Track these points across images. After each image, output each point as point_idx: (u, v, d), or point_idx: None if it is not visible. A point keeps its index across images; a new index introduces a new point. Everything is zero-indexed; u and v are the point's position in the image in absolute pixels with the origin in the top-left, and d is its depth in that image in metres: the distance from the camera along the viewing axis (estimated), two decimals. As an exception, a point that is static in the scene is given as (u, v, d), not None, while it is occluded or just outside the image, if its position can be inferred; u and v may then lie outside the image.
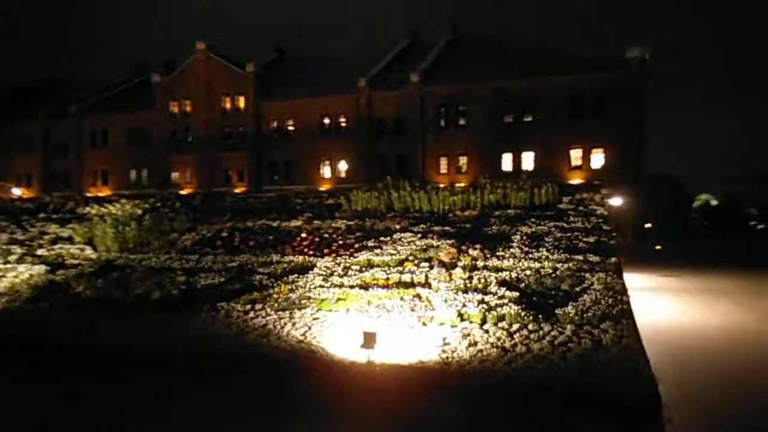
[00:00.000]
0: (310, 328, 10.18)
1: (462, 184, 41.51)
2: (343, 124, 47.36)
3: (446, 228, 14.71)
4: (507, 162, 42.43)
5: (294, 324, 10.45)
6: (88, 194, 47.34)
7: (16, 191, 33.41)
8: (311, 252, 14.08)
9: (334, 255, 13.75)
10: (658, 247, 37.50)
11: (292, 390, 8.45)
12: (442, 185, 42.72)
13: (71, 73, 65.17)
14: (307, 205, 19.36)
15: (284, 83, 49.57)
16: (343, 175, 47.07)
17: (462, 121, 44.07)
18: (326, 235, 15.29)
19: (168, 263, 14.48)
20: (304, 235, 15.38)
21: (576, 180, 37.58)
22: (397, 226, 15.27)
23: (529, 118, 41.97)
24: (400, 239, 14.21)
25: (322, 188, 45.17)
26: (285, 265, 13.37)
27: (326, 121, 47.72)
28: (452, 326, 9.64)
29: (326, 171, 47.71)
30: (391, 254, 13.18)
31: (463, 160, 43.96)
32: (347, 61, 51.15)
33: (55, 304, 12.73)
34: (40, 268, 15.11)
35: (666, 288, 17.91)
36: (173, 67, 56.21)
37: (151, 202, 20.90)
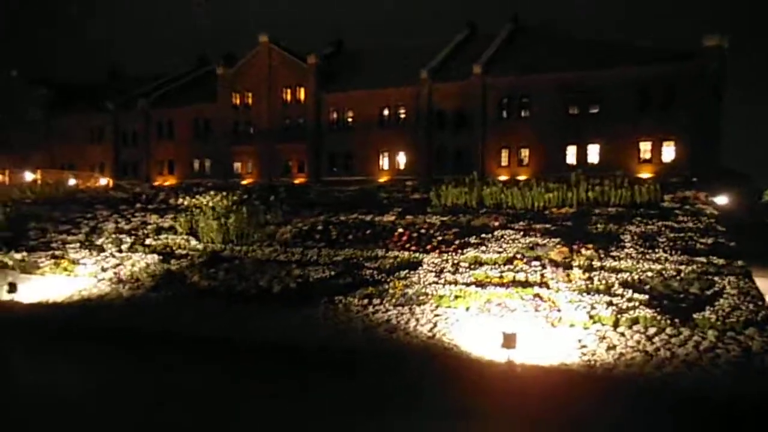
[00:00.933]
0: (435, 325, 10.34)
1: (523, 177, 41.20)
2: (403, 116, 47.32)
3: (546, 225, 14.63)
4: (571, 155, 41.59)
5: (417, 320, 10.64)
6: (156, 182, 49.08)
7: (103, 181, 34.87)
8: (413, 247, 14.24)
9: (438, 251, 13.88)
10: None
11: (440, 388, 8.59)
12: (502, 178, 42.44)
13: (131, 68, 67.22)
14: (393, 200, 19.55)
15: (343, 75, 49.89)
16: (401, 167, 47.12)
17: (524, 113, 43.38)
18: (423, 231, 15.42)
19: (274, 256, 14.91)
20: (400, 230, 15.56)
21: (645, 174, 36.65)
22: (496, 223, 15.27)
23: (595, 110, 40.95)
24: (502, 236, 14.22)
25: (381, 180, 45.49)
26: (391, 261, 13.58)
27: (386, 112, 47.76)
28: (584, 328, 9.63)
29: (385, 163, 47.82)
30: (498, 252, 13.21)
31: (524, 153, 43.30)
32: (405, 54, 51.04)
33: (177, 293, 13.30)
34: (153, 257, 15.80)
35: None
36: (234, 59, 57.34)
37: (239, 194, 21.51)
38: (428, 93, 45.45)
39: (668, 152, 38.76)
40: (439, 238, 14.86)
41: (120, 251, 16.90)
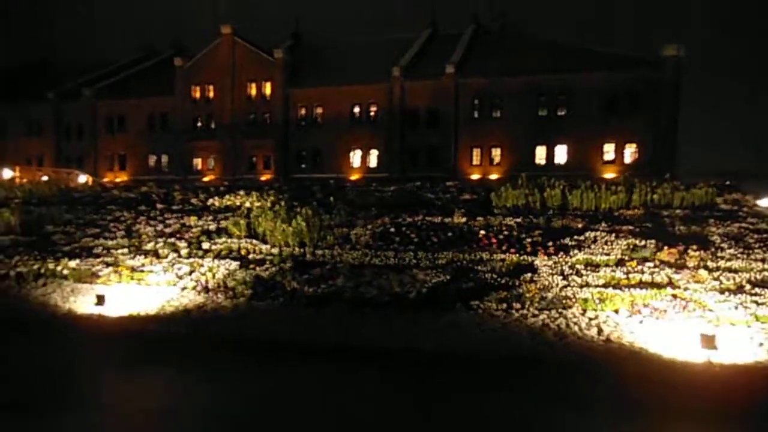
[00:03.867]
0: (600, 329, 10.51)
1: (495, 176, 42.35)
2: (374, 113, 47.09)
3: (628, 227, 15.25)
4: (540, 155, 43.37)
5: (577, 324, 10.76)
6: (105, 179, 45.45)
7: (82, 178, 31.75)
8: (511, 250, 14.29)
9: (543, 254, 14.06)
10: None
11: (654, 390, 8.72)
12: (474, 177, 43.36)
13: (69, 54, 61.68)
14: (443, 200, 19.45)
15: (310, 71, 48.80)
16: (373, 164, 46.95)
17: (496, 114, 44.60)
18: (506, 233, 15.54)
19: (367, 260, 14.37)
20: (483, 232, 15.58)
21: (609, 174, 38.98)
22: (579, 225, 15.69)
23: (563, 113, 42.92)
24: (595, 239, 14.65)
25: (352, 177, 45.06)
26: (499, 264, 13.56)
27: (356, 109, 47.33)
28: (747, 326, 10.24)
29: (356, 160, 47.43)
30: (605, 254, 13.63)
31: (496, 153, 44.57)
32: (371, 51, 50.80)
33: (285, 301, 12.46)
34: (230, 263, 14.68)
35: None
36: (185, 50, 54.33)
37: (273, 194, 20.46)
38: (401, 91, 45.57)
39: (630, 154, 41.48)
40: (529, 240, 15.01)
41: (180, 257, 15.59)
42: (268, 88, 48.35)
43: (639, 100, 40.23)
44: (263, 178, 44.43)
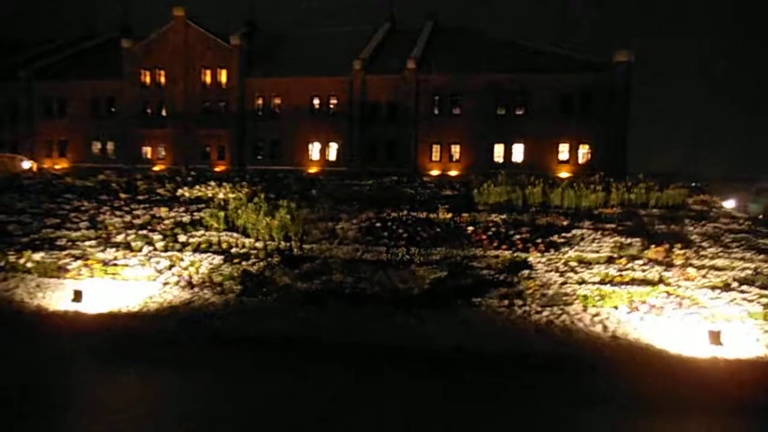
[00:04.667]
0: (605, 325, 10.63)
1: (454, 173, 42.79)
2: (334, 106, 46.41)
3: (611, 225, 15.61)
4: (498, 153, 44.06)
5: (581, 320, 10.85)
6: (44, 165, 42.49)
7: (26, 164, 29.34)
8: (503, 246, 14.31)
9: (535, 250, 14.13)
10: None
11: (664, 384, 8.85)
12: (433, 173, 43.61)
13: (4, 30, 57.41)
14: (424, 196, 19.28)
15: (269, 60, 47.51)
16: (332, 158, 46.31)
17: (455, 111, 44.93)
18: (494, 229, 15.55)
19: (358, 255, 13.96)
20: (470, 228, 15.52)
21: (563, 173, 40.19)
22: (564, 223, 15.92)
23: (520, 112, 43.77)
24: (582, 236, 14.90)
25: (311, 170, 44.30)
26: (494, 260, 13.53)
27: (316, 101, 46.47)
28: (742, 322, 10.64)
29: (315, 153, 46.62)
30: (595, 251, 13.85)
31: (455, 149, 44.94)
32: (330, 42, 50.06)
33: (279, 297, 11.88)
34: (213, 258, 13.89)
35: None
36: (131, 31, 51.74)
37: (248, 187, 19.61)
38: (361, 84, 45.08)
39: (583, 154, 42.85)
40: (518, 237, 15.10)
41: (156, 250, 14.65)
42: (223, 76, 46.62)
43: (591, 102, 41.56)
44: (217, 169, 42.84)
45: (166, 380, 8.94)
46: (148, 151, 46.74)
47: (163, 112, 46.53)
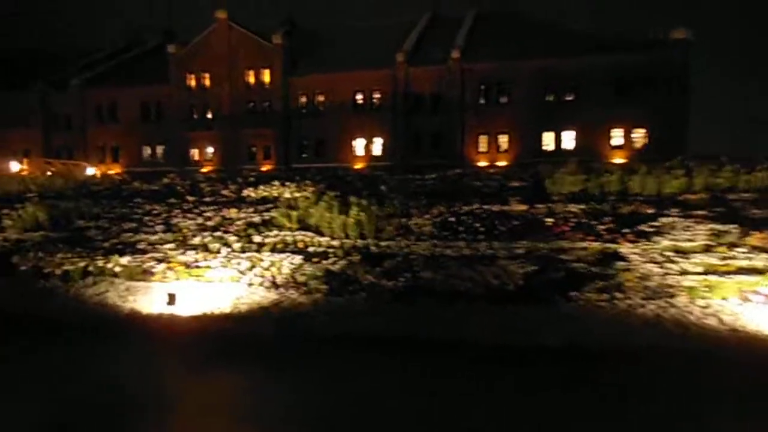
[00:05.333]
0: (720, 318, 10.04)
1: (503, 163, 41.97)
2: (377, 100, 46.03)
3: (701, 212, 14.84)
4: (548, 141, 42.92)
5: (692, 313, 10.29)
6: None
7: (90, 170, 30.12)
8: (590, 238, 13.77)
9: (625, 240, 13.55)
10: None
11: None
12: (481, 164, 42.86)
13: (55, 42, 59.07)
14: (491, 188, 18.80)
15: (310, 57, 47.47)
16: (377, 152, 46.03)
17: (503, 99, 43.92)
18: (575, 220, 15.00)
19: (438, 251, 13.64)
20: (550, 220, 15.00)
21: (617, 159, 38.86)
22: (650, 211, 15.23)
23: (571, 98, 42.44)
24: (672, 224, 14.21)
25: (356, 166, 44.12)
26: (583, 252, 13.02)
27: (359, 96, 46.17)
28: None
29: (359, 148, 46.44)
30: (689, 240, 13.18)
31: (503, 139, 44.01)
32: (370, 36, 49.67)
33: (368, 296, 11.69)
34: (293, 258, 13.80)
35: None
36: (173, 36, 52.52)
37: (315, 185, 19.50)
38: (404, 77, 44.55)
39: (638, 139, 41.34)
40: (603, 227, 14.49)
41: (233, 251, 14.64)
42: (267, 76, 46.84)
43: (649, 83, 39.97)
44: (264, 169, 43.14)
45: (267, 379, 8.84)
46: (195, 153, 47.45)
47: (209, 115, 47.13)
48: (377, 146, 45.93)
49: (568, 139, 42.54)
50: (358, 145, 46.23)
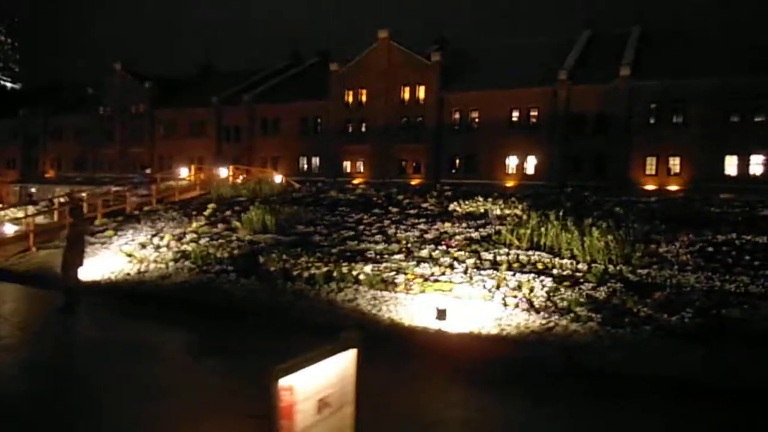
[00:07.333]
0: None
1: (674, 187, 37.70)
2: (534, 118, 44.02)
3: None
4: (731, 165, 38.29)
5: None
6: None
7: (278, 178, 31.53)
8: None
9: None
10: None
11: None
12: (648, 187, 38.83)
13: (224, 63, 63.91)
14: (733, 214, 16.30)
15: (465, 74, 46.60)
16: (530, 171, 43.98)
17: (676, 119, 40.03)
18: None
19: (717, 285, 11.66)
20: None
21: (820, 186, 33.29)
22: None
23: (761, 118, 37.57)
24: None
25: (507, 184, 42.23)
26: None
27: (515, 114, 44.45)
28: None
29: (511, 166, 44.65)
30: None
31: (674, 161, 40.01)
32: (525, 53, 47.89)
33: (652, 332, 10.07)
34: (542, 279, 12.49)
35: None
36: (328, 55, 54.10)
37: (518, 202, 18.20)
38: (566, 95, 42.22)
39: None
40: None
41: (470, 267, 13.56)
42: (421, 92, 46.71)
43: None
44: (413, 182, 42.74)
45: (557, 416, 7.49)
46: (347, 165, 48.32)
47: (363, 129, 47.85)
48: (531, 165, 43.97)
49: (757, 164, 37.71)
50: (511, 163, 44.58)
